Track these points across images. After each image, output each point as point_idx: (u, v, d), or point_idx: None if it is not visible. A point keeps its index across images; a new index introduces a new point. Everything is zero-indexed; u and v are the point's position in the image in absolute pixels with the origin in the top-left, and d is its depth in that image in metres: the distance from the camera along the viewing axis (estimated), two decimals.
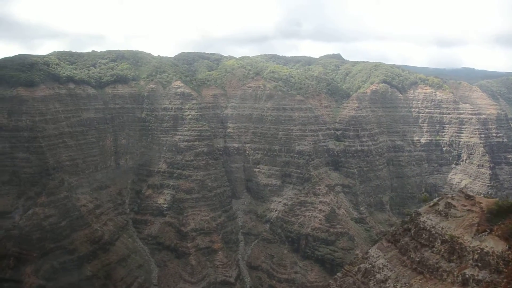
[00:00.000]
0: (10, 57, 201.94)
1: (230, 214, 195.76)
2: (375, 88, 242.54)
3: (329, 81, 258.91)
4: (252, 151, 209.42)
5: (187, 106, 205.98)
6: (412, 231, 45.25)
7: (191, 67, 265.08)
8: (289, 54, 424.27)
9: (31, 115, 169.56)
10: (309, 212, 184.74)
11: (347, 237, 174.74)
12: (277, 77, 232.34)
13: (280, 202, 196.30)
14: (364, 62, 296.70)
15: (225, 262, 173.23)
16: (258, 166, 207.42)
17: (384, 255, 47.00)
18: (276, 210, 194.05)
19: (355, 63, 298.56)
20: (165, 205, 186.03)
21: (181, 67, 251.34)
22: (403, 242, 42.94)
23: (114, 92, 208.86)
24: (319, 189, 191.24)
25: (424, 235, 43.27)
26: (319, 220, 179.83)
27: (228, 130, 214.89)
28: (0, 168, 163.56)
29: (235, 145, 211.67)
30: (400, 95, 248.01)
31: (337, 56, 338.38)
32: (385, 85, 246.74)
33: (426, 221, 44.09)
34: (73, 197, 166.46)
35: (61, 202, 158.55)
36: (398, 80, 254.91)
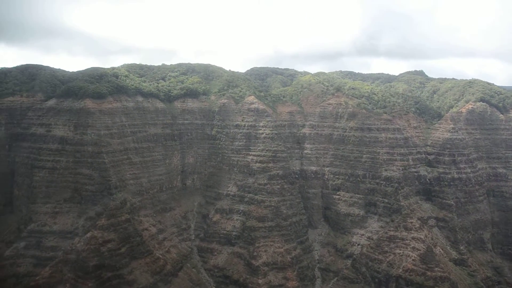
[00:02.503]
0: (82, 70, 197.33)
1: (306, 246, 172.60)
2: (472, 108, 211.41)
3: (417, 99, 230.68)
4: (331, 176, 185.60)
5: (261, 124, 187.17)
6: None
7: (264, 83, 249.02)
8: (362, 71, 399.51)
9: (97, 129, 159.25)
10: (400, 250, 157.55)
11: (448, 283, 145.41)
12: (358, 94, 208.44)
13: (363, 235, 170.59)
14: (452, 79, 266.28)
15: None
16: (338, 193, 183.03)
17: None
18: (359, 245, 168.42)
19: (442, 80, 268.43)
20: (234, 233, 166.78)
21: (254, 82, 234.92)
22: None
23: (183, 107, 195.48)
24: (411, 222, 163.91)
25: None
26: (413, 260, 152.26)
27: (306, 151, 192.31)
28: (63, 184, 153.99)
29: (313, 168, 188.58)
30: (501, 115, 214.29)
31: (420, 73, 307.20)
32: (483, 104, 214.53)
33: None
34: (135, 220, 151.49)
35: (122, 225, 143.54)
36: (498, 99, 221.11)
